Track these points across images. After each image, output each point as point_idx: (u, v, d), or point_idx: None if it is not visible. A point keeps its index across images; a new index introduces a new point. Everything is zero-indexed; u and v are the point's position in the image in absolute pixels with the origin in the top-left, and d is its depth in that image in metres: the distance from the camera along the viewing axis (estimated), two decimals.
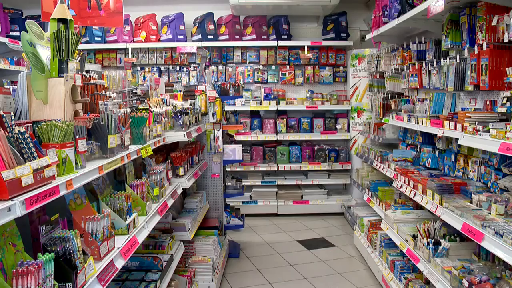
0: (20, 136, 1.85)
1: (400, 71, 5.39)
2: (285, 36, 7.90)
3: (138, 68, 8.06)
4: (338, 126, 7.98)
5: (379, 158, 5.65)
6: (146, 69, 7.99)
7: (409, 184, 4.25)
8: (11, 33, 7.13)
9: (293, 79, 8.09)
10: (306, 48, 7.88)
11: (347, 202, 7.65)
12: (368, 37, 6.10)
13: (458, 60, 3.73)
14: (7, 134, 1.80)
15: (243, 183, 6.16)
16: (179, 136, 3.79)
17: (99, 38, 7.91)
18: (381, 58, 6.23)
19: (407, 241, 4.10)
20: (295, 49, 8.08)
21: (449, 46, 3.85)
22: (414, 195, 4.05)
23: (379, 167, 5.53)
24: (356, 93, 7.78)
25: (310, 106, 7.82)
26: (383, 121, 5.81)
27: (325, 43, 7.92)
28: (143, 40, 7.84)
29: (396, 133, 5.80)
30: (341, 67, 8.15)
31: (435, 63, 4.25)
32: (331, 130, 8.02)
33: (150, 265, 3.49)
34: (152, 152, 3.17)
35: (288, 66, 8.11)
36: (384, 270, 4.76)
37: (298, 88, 8.23)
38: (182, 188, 3.93)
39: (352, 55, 7.76)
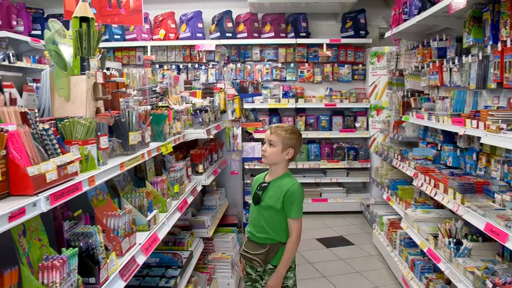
0: (44, 133, 1.88)
1: (420, 68, 5.34)
2: (304, 34, 7.87)
3: (157, 66, 8.11)
4: (357, 124, 7.93)
5: (399, 156, 5.60)
6: (165, 67, 8.03)
7: (429, 183, 4.20)
8: (33, 32, 7.21)
9: (311, 77, 8.06)
10: (324, 45, 7.83)
11: (366, 200, 7.60)
12: (387, 34, 6.06)
13: (480, 58, 3.67)
14: (32, 131, 1.82)
15: None
16: (198, 133, 3.81)
17: (119, 36, 7.97)
18: (400, 55, 6.17)
19: (428, 240, 4.06)
20: (314, 46, 8.04)
21: (471, 43, 3.79)
22: (435, 194, 4.01)
23: (399, 165, 5.48)
24: (375, 91, 7.72)
25: (329, 104, 7.78)
26: (402, 119, 5.76)
27: (343, 40, 7.87)
28: (162, 38, 7.88)
29: (416, 131, 5.75)
30: (360, 65, 8.09)
31: (456, 60, 4.19)
32: (350, 128, 7.96)
33: (170, 261, 3.51)
34: (172, 149, 3.18)
35: (306, 64, 8.07)
36: (404, 270, 4.72)
37: (316, 86, 8.19)
38: (202, 185, 3.94)
39: (371, 52, 7.70)
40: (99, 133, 2.24)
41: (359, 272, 5.32)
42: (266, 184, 3.04)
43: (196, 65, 8.14)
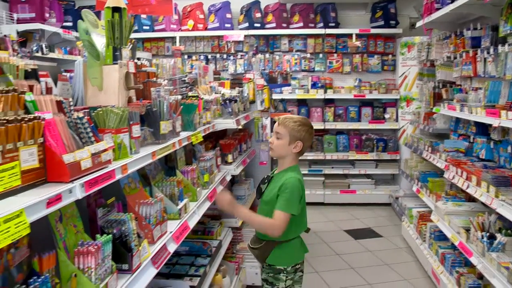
0: (79, 121, 1.90)
1: (452, 59, 5.22)
2: (333, 24, 7.79)
3: (186, 57, 8.14)
4: (387, 116, 7.84)
5: (430, 148, 5.51)
6: (194, 57, 8.06)
7: (461, 176, 4.13)
8: (64, 24, 7.33)
9: (340, 68, 7.98)
10: (354, 36, 7.74)
11: (395, 192, 7.51)
12: (418, 24, 5.93)
13: None
14: (67, 119, 1.85)
15: None
16: (228, 123, 3.82)
17: (147, 27, 8.03)
18: (432, 46, 6.05)
19: (459, 233, 3.99)
20: (343, 37, 7.94)
21: (508, 31, 3.68)
22: (467, 186, 3.93)
23: (429, 157, 5.40)
24: (405, 82, 7.59)
25: (358, 95, 7.70)
26: (433, 110, 5.66)
27: (373, 30, 7.76)
28: (190, 29, 7.91)
29: (447, 123, 5.64)
30: (390, 55, 7.96)
31: (491, 50, 4.08)
32: (379, 119, 7.87)
33: (200, 250, 3.54)
34: (202, 139, 3.20)
35: (335, 54, 7.99)
36: (433, 263, 4.66)
37: (345, 76, 8.10)
38: (231, 175, 3.96)
39: (402, 43, 7.56)
40: (131, 122, 2.26)
41: (388, 265, 5.27)
42: (270, 177, 2.91)
43: (225, 56, 8.14)
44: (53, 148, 1.67)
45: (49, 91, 2.12)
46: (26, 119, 1.57)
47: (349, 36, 7.84)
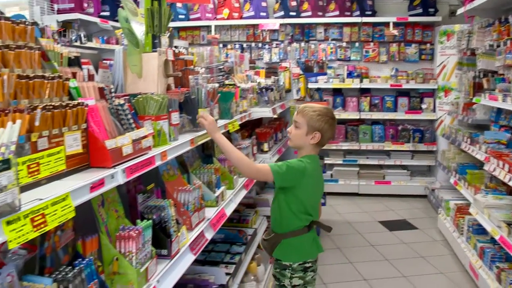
0: (120, 108, 1.93)
1: (495, 47, 5.05)
2: (369, 12, 7.66)
3: (221, 45, 8.14)
4: (424, 106, 7.67)
5: (469, 139, 5.38)
6: (229, 46, 8.06)
7: (503, 168, 4.00)
8: (102, 13, 7.43)
9: (377, 57, 7.85)
10: (391, 24, 7.59)
11: (431, 184, 7.37)
12: (460, 11, 5.76)
13: None
14: (108, 106, 1.88)
15: (325, 161, 6.10)
16: (264, 112, 3.81)
17: (183, 16, 8.07)
18: (473, 34, 5.86)
19: (500, 228, 3.89)
20: (380, 25, 7.80)
21: None
22: (510, 179, 3.82)
23: (468, 149, 5.27)
24: (443, 72, 7.41)
25: (394, 85, 7.57)
26: (473, 100, 5.51)
27: (411, 19, 7.59)
28: (225, 18, 7.91)
29: (488, 113, 5.48)
30: (428, 44, 7.78)
31: None
32: (415, 109, 7.72)
33: (235, 238, 3.56)
34: (238, 127, 3.20)
35: (372, 43, 7.86)
36: (471, 257, 4.56)
37: (382, 65, 7.97)
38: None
39: (441, 31, 7.37)
40: (170, 109, 2.27)
41: (423, 257, 5.19)
42: None
43: (260, 45, 8.12)
44: (96, 133, 1.70)
45: (91, 78, 2.16)
46: (70, 105, 1.59)
47: (386, 24, 7.69)
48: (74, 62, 2.10)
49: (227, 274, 3.04)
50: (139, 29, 2.68)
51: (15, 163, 1.19)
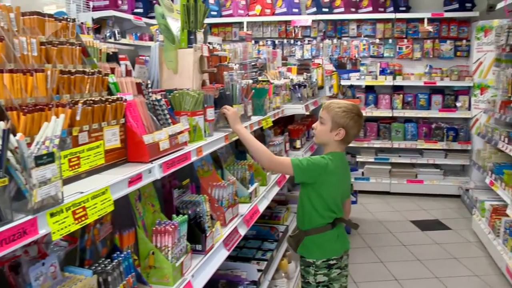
0: (157, 103, 1.95)
1: None
2: (404, 8, 7.53)
3: (253, 42, 8.15)
4: (458, 104, 7.51)
5: (506, 139, 5.24)
6: (261, 43, 8.06)
7: None
8: (135, 10, 7.53)
9: (410, 53, 7.72)
10: (425, 20, 7.44)
11: (465, 184, 7.21)
12: (499, 5, 5.61)
13: None
14: (146, 101, 1.89)
15: (356, 159, 6.05)
16: (297, 108, 3.79)
17: (215, 13, 8.10)
18: None
19: None
20: (414, 21, 7.66)
21: None
22: None
23: (506, 148, 5.13)
24: (480, 69, 7.23)
25: (428, 82, 7.43)
26: (511, 99, 5.36)
27: (447, 14, 7.42)
28: (258, 14, 7.91)
29: None
30: (464, 41, 7.60)
31: None
32: (450, 107, 7.56)
33: (267, 234, 3.56)
34: (272, 124, 3.19)
35: (405, 40, 7.74)
36: (508, 260, 4.44)
37: (415, 62, 7.83)
38: None
39: (478, 27, 7.19)
40: (206, 105, 2.28)
41: (456, 258, 5.09)
42: None
43: (292, 41, 8.08)
44: (134, 128, 1.71)
45: (128, 73, 2.18)
46: (109, 100, 1.61)
47: (421, 20, 7.55)
48: (112, 58, 2.13)
49: (258, 270, 3.04)
50: (175, 25, 2.70)
51: (58, 156, 1.21)
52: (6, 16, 1.46)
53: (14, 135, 1.14)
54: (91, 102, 1.52)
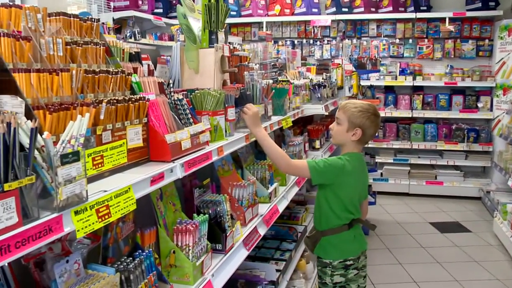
0: (178, 103, 1.96)
1: None
2: (425, 8, 7.45)
3: (272, 42, 8.15)
4: (480, 104, 7.40)
5: None
6: (280, 43, 8.05)
7: None
8: (155, 11, 7.59)
9: (431, 54, 7.64)
10: (447, 20, 7.35)
11: (485, 186, 7.10)
12: None
13: None
14: (168, 100, 1.91)
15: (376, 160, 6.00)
16: (317, 109, 3.78)
17: (234, 13, 8.10)
18: None
19: None
20: (435, 21, 7.58)
21: None
22: None
23: None
24: (503, 69, 7.11)
25: (448, 82, 7.34)
26: None
27: (469, 14, 7.30)
28: (277, 14, 7.90)
29: None
30: (486, 40, 7.48)
31: None
32: (471, 108, 7.46)
33: (286, 234, 3.56)
34: (291, 124, 3.19)
35: (426, 40, 7.65)
36: None
37: (436, 63, 7.75)
38: None
39: (501, 26, 7.07)
40: (226, 105, 2.29)
41: (477, 262, 5.02)
42: None
43: (311, 41, 8.06)
44: (156, 127, 1.73)
45: (151, 73, 2.20)
46: (133, 99, 1.63)
47: (442, 20, 7.46)
48: (135, 57, 2.14)
49: (277, 270, 3.04)
50: (196, 25, 2.71)
51: (83, 155, 1.22)
52: (33, 17, 1.49)
53: (41, 134, 1.15)
54: (115, 101, 1.53)
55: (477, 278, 4.65)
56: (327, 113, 4.20)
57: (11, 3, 1.46)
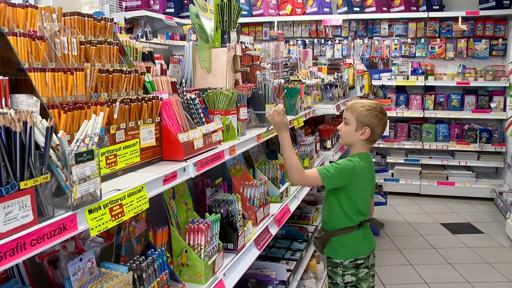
0: (191, 102, 1.96)
1: None
2: (437, 7, 7.39)
3: (283, 41, 8.14)
4: (493, 105, 7.33)
5: None
6: (291, 42, 8.03)
7: None
8: (167, 10, 7.61)
9: (443, 53, 7.58)
10: (460, 19, 7.27)
11: (498, 187, 7.04)
12: None
13: None
14: (181, 100, 1.91)
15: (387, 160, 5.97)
16: (328, 108, 3.77)
17: (246, 12, 8.09)
18: None
19: None
20: (447, 20, 7.51)
21: None
22: None
23: None
24: None
25: (461, 82, 7.28)
26: None
27: (482, 13, 7.23)
28: (288, 13, 7.88)
29: None
30: (500, 39, 7.39)
31: None
32: (483, 108, 7.39)
33: (297, 234, 3.55)
34: (303, 123, 3.18)
35: (438, 39, 7.59)
36: None
37: (448, 62, 7.69)
38: (329, 161, 3.92)
39: None
40: (239, 104, 2.29)
41: (489, 263, 4.97)
42: None
43: (322, 41, 8.04)
44: (169, 127, 1.73)
45: (163, 72, 2.20)
46: (146, 98, 1.63)
47: (454, 19, 7.39)
48: (148, 57, 2.15)
49: (288, 270, 3.04)
50: (209, 24, 2.72)
51: (97, 153, 1.23)
52: (49, 17, 1.50)
53: (56, 133, 1.16)
54: (128, 100, 1.54)
55: (489, 280, 4.61)
56: (338, 113, 4.19)
57: (26, 4, 1.47)
